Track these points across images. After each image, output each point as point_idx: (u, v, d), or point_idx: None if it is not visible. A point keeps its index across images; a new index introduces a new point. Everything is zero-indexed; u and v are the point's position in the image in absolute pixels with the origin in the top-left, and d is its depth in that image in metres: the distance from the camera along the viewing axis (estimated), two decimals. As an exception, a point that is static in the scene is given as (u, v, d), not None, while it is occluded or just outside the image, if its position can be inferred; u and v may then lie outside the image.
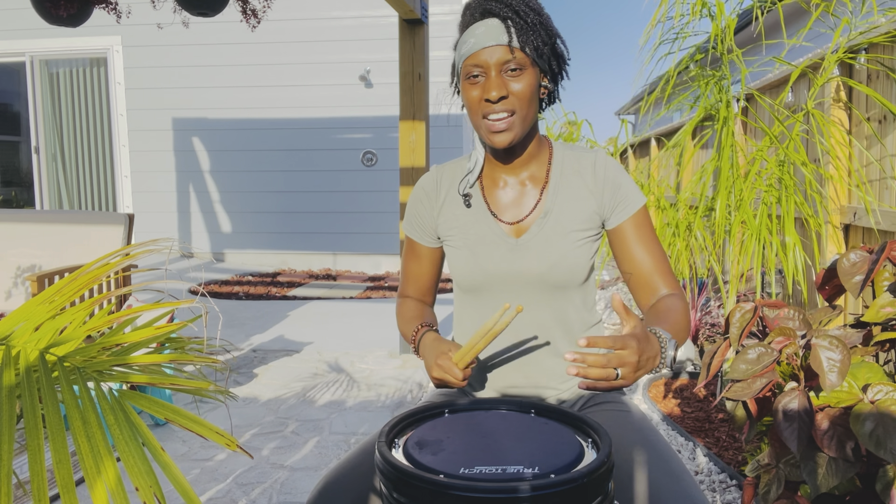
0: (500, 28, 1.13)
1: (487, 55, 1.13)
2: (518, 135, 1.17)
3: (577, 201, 1.24)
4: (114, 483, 0.65)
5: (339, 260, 7.16)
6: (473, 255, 1.25)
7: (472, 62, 1.15)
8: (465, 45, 1.16)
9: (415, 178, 3.84)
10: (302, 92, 6.94)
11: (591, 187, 1.24)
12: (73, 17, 3.40)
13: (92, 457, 0.67)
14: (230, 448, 0.73)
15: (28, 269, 3.30)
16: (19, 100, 8.50)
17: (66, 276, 0.89)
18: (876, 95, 2.32)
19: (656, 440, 1.13)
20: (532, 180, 1.26)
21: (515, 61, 1.14)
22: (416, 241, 1.35)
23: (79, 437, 0.68)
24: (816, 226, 2.73)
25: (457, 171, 1.31)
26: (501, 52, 1.13)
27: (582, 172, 1.25)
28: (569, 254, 1.22)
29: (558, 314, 1.25)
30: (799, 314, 1.44)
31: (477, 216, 1.27)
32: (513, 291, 1.24)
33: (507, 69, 1.14)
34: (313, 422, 2.79)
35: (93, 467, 0.66)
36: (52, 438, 0.68)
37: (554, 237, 1.22)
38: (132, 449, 0.70)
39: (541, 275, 1.22)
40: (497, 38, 1.13)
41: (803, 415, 1.24)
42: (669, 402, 3.03)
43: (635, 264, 1.23)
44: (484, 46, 1.13)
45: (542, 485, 0.79)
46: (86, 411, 0.71)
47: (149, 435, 0.72)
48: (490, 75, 1.14)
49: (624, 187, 1.24)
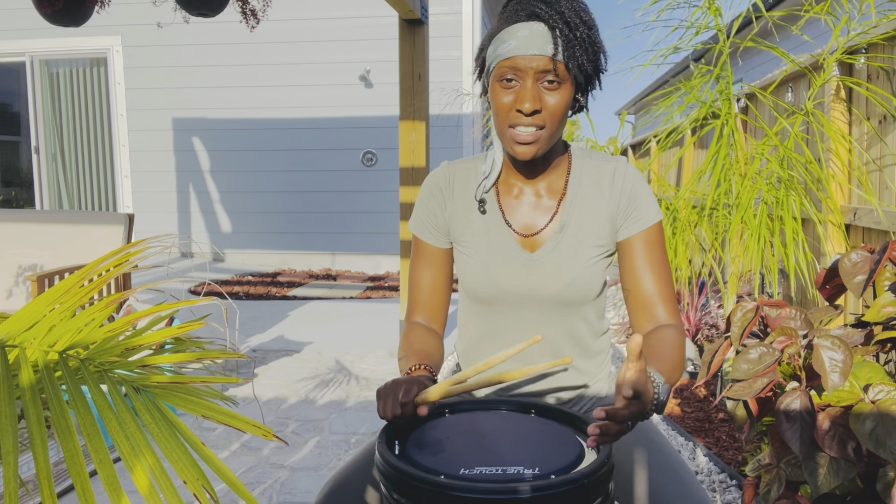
0: (546, 36, 1.05)
1: (527, 62, 1.05)
2: (543, 149, 1.12)
3: (594, 214, 1.18)
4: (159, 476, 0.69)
5: (339, 260, 7.16)
6: (486, 270, 1.20)
7: (510, 65, 1.07)
8: (503, 44, 1.07)
9: (415, 177, 3.83)
10: (302, 92, 6.94)
11: (607, 197, 1.19)
12: (71, 16, 3.39)
13: (133, 455, 0.70)
14: (266, 438, 0.77)
15: (28, 269, 3.30)
16: (19, 100, 8.50)
17: (74, 274, 0.89)
18: (873, 97, 2.32)
19: (659, 441, 1.13)
20: (549, 191, 1.20)
21: (555, 74, 1.06)
22: (427, 242, 1.26)
23: (117, 438, 0.71)
24: (817, 224, 2.73)
25: (470, 172, 1.25)
26: (543, 63, 1.05)
27: (600, 183, 1.19)
28: (584, 272, 1.17)
29: (569, 329, 1.22)
30: (800, 314, 1.44)
31: (490, 223, 1.21)
32: (524, 307, 1.20)
33: (545, 80, 1.07)
34: (313, 422, 2.79)
35: (136, 463, 0.69)
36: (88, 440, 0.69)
37: (570, 254, 1.17)
38: (174, 445, 0.72)
39: (555, 294, 1.18)
40: (541, 48, 1.05)
41: (805, 415, 1.24)
42: (669, 402, 3.03)
43: (638, 283, 1.16)
44: (526, 53, 1.05)
45: (542, 485, 0.79)
46: (121, 412, 0.72)
47: (188, 431, 0.75)
48: (526, 84, 1.07)
49: (640, 199, 1.17)
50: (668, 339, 1.10)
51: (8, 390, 0.71)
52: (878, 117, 2.53)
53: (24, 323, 0.83)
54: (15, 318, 0.83)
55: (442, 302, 1.27)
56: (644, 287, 1.16)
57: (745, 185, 2.70)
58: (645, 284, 1.16)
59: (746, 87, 3.45)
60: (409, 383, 0.97)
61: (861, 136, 2.68)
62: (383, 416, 0.95)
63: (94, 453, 0.67)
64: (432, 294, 1.26)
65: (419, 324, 1.26)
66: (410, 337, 1.21)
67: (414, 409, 0.95)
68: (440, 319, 1.28)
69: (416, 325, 1.25)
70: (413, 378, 1.00)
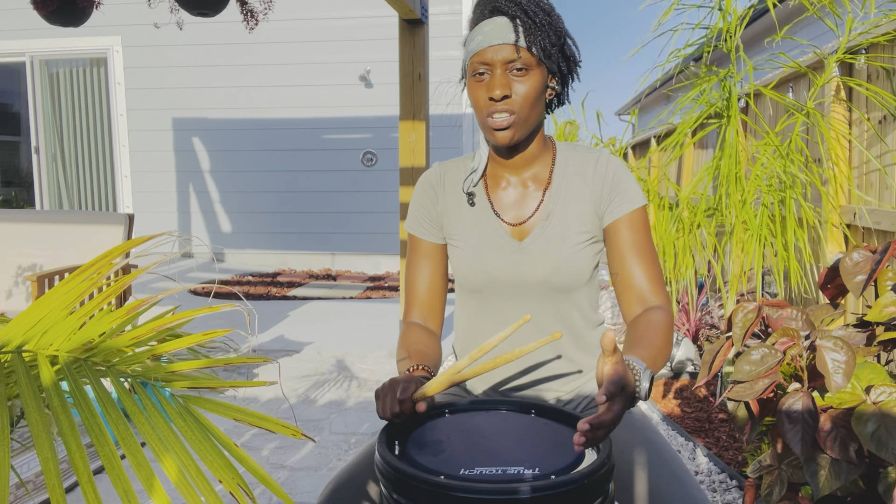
0: (507, 26, 1.12)
1: (493, 53, 1.12)
2: (520, 134, 1.16)
3: (579, 203, 1.22)
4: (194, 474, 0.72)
5: (339, 260, 7.15)
6: (477, 259, 1.23)
7: (479, 59, 1.14)
8: (472, 42, 1.16)
9: (415, 178, 3.83)
10: (302, 92, 6.93)
11: (591, 185, 1.22)
12: (70, 16, 3.39)
13: (167, 453, 0.73)
14: (296, 437, 0.81)
15: (28, 269, 3.29)
16: (19, 100, 8.51)
17: (79, 274, 0.89)
18: (873, 97, 2.31)
19: (658, 441, 1.13)
20: (535, 181, 1.25)
21: (521, 61, 1.12)
22: (422, 239, 1.31)
23: (151, 440, 0.74)
24: (819, 225, 2.73)
25: (460, 169, 1.30)
26: (508, 51, 1.12)
27: (584, 172, 1.23)
28: (571, 257, 1.21)
29: (561, 316, 1.24)
30: (802, 314, 1.43)
31: (480, 215, 1.25)
32: (516, 294, 1.23)
33: (513, 69, 1.13)
34: (313, 422, 2.78)
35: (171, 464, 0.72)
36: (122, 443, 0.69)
37: (556, 240, 1.21)
38: (207, 447, 0.75)
39: (544, 279, 1.21)
40: (504, 37, 1.12)
41: (807, 416, 1.23)
42: (669, 402, 3.02)
43: (624, 266, 1.19)
44: (490, 45, 1.12)
45: (542, 486, 0.78)
46: (152, 416, 0.74)
47: (220, 433, 0.77)
48: (495, 73, 1.13)
49: (623, 184, 1.21)
50: (654, 322, 1.12)
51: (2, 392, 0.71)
52: (878, 117, 2.53)
53: (29, 324, 0.84)
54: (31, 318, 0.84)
55: (438, 299, 1.30)
56: (630, 269, 1.19)
57: (748, 186, 2.70)
58: (631, 267, 1.19)
59: (748, 87, 3.44)
60: (406, 381, 0.98)
61: (861, 136, 2.67)
62: (382, 416, 0.96)
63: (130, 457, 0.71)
64: (429, 292, 1.29)
65: (416, 324, 1.28)
66: (408, 338, 1.23)
67: (413, 406, 0.96)
68: (437, 318, 1.30)
69: (413, 326, 1.27)
70: (411, 377, 1.01)
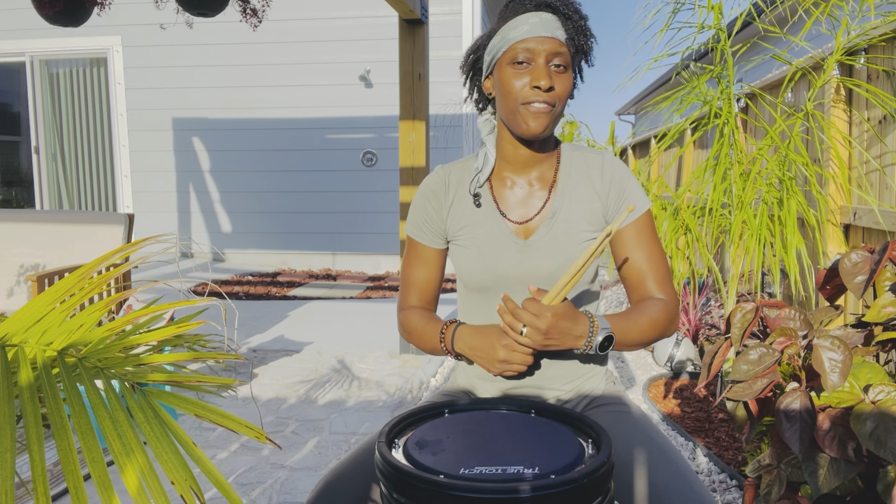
0: (556, 23, 1.14)
1: (540, 44, 1.13)
2: (552, 128, 1.18)
3: (584, 202, 1.24)
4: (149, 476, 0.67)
5: (339, 260, 7.16)
6: (482, 256, 1.25)
7: (523, 46, 1.13)
8: (514, 30, 1.15)
9: (415, 177, 3.83)
10: (302, 92, 6.94)
11: (597, 189, 1.24)
12: (71, 16, 3.39)
13: (125, 454, 0.69)
14: (260, 440, 0.75)
15: (29, 269, 3.30)
16: (19, 100, 8.50)
17: (74, 273, 0.89)
18: (872, 97, 2.32)
19: (660, 440, 1.13)
20: (540, 181, 1.26)
21: (563, 58, 1.14)
22: (422, 244, 1.32)
23: (110, 436, 0.70)
24: (818, 225, 2.73)
25: (464, 171, 1.30)
26: (555, 46, 1.13)
27: (589, 173, 1.25)
28: (576, 253, 1.22)
29: None
30: (800, 314, 1.44)
31: (486, 215, 1.26)
32: (520, 292, 1.24)
33: (554, 64, 1.14)
34: (313, 422, 2.79)
35: (126, 463, 0.68)
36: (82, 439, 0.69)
37: (561, 238, 1.23)
38: (164, 445, 0.72)
39: (548, 276, 1.22)
40: (553, 31, 1.13)
41: (805, 415, 1.24)
42: (669, 402, 3.03)
43: (632, 268, 1.22)
44: (538, 35, 1.13)
45: (542, 485, 0.79)
46: (115, 410, 0.72)
47: (180, 431, 0.74)
48: (539, 63, 1.13)
49: (629, 190, 1.24)
50: (646, 304, 1.18)
51: (7, 389, 0.70)
52: (877, 118, 2.53)
53: (23, 322, 0.83)
54: (14, 318, 0.83)
55: (434, 294, 1.35)
56: (640, 270, 1.22)
57: (747, 186, 2.70)
58: (640, 268, 1.22)
59: (747, 87, 3.45)
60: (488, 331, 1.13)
61: (861, 137, 2.68)
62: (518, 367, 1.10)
63: (86, 452, 0.67)
64: (425, 288, 1.33)
65: (417, 307, 1.33)
66: (413, 317, 1.29)
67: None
68: (433, 305, 1.36)
69: (414, 308, 1.32)
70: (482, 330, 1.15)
